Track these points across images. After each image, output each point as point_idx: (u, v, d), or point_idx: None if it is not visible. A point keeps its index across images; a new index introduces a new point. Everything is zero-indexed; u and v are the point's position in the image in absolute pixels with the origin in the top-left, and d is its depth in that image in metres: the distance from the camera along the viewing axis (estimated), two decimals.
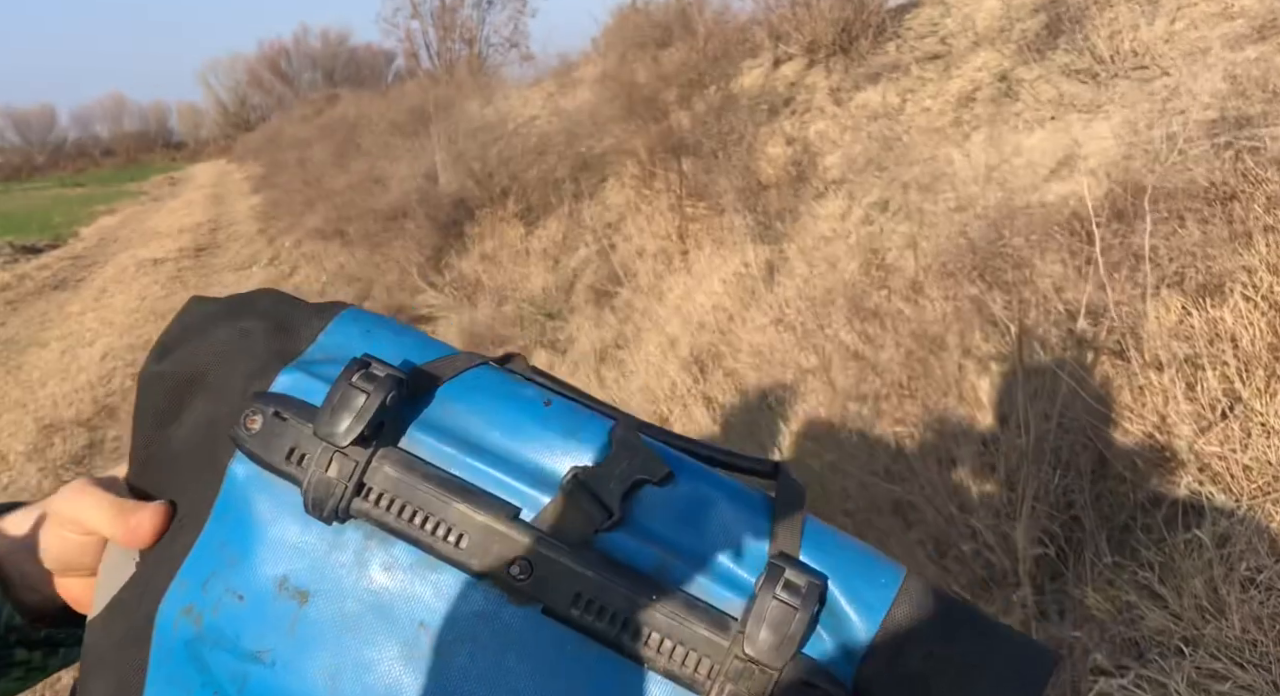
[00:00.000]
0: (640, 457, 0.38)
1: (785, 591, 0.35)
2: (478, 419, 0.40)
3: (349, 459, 0.38)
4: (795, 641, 0.35)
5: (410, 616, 0.37)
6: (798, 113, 4.85)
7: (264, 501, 0.39)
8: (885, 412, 1.86)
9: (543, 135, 6.47)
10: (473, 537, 0.37)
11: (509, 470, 0.39)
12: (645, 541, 0.37)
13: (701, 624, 0.36)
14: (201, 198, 15.59)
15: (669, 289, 4.13)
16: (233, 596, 0.38)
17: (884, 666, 0.36)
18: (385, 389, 0.38)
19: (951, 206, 2.92)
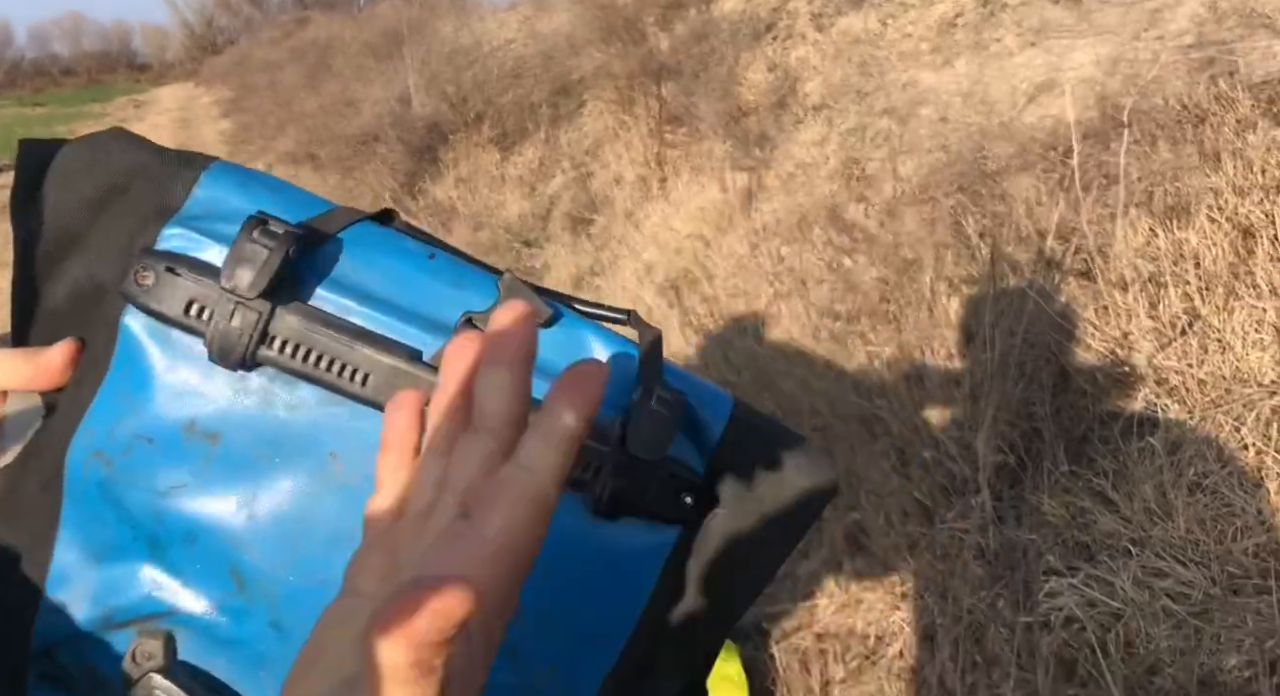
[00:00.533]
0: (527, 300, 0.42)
1: (659, 404, 0.41)
2: (368, 272, 0.42)
3: (252, 310, 0.39)
4: (665, 443, 0.41)
5: (320, 446, 0.40)
6: (779, 38, 4.76)
7: (163, 352, 0.41)
8: (857, 332, 1.88)
9: (519, 59, 6.31)
10: (377, 377, 0.40)
11: (404, 318, 0.41)
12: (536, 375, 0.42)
13: (591, 434, 0.39)
14: (168, 121, 15.12)
15: (646, 216, 4.11)
16: (142, 440, 0.40)
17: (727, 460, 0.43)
18: (286, 244, 0.40)
19: (929, 131, 2.91)
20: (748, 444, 0.44)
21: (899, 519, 1.43)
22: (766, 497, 0.44)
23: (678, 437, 0.43)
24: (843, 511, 1.55)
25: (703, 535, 0.43)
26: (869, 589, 1.42)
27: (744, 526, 0.43)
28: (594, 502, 0.41)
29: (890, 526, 1.43)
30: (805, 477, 0.44)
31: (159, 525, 0.40)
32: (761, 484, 0.44)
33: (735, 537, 0.43)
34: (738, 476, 0.44)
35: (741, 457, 0.44)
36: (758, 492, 0.44)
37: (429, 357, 0.41)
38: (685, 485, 0.42)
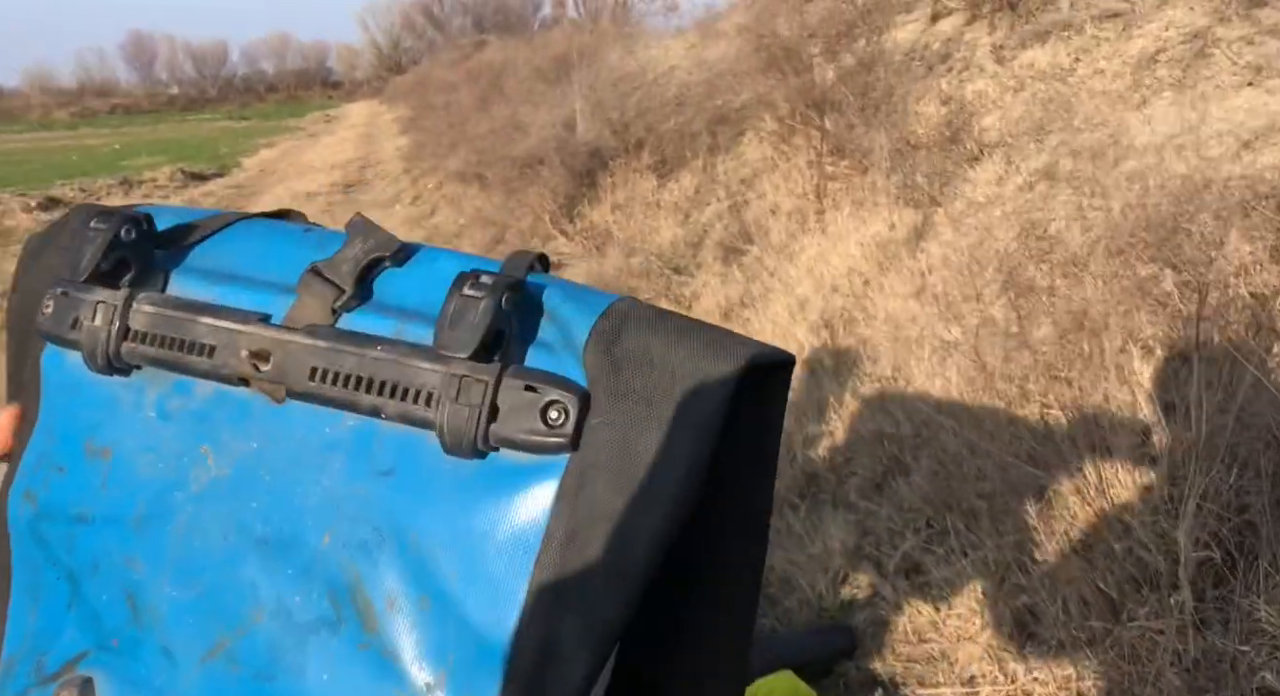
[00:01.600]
0: (373, 238, 0.39)
1: (471, 289, 0.35)
2: (233, 256, 0.42)
3: (109, 305, 0.40)
4: (480, 328, 0.34)
5: (193, 442, 0.39)
6: (955, 70, 4.58)
7: (68, 379, 0.41)
8: (1033, 394, 1.74)
9: (682, 86, 6.37)
10: (220, 347, 0.39)
11: (255, 286, 0.40)
12: (381, 311, 0.39)
13: (423, 360, 0.36)
14: (353, 136, 16.26)
15: (801, 249, 4.02)
16: (55, 470, 0.41)
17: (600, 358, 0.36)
18: (117, 223, 0.40)
19: (1125, 176, 2.69)
20: (627, 335, 0.36)
21: (1078, 609, 1.30)
22: (650, 393, 0.35)
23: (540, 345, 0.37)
24: (1012, 591, 1.42)
25: (588, 459, 0.35)
26: (1039, 681, 1.29)
27: (625, 432, 0.35)
28: (439, 437, 0.36)
29: (1068, 616, 1.30)
30: (702, 359, 0.35)
31: (72, 557, 0.40)
32: (643, 377, 0.35)
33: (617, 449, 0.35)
34: (612, 374, 0.35)
35: (620, 350, 0.36)
36: (639, 386, 0.35)
37: (280, 319, 0.39)
38: (550, 397, 0.35)
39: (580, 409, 0.35)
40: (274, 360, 0.38)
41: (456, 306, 0.35)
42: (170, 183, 10.55)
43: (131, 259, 0.41)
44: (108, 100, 49.39)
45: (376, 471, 0.37)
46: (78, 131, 27.76)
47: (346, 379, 0.37)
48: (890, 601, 1.53)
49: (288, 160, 13.14)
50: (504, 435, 0.35)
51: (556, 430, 0.35)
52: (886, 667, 1.44)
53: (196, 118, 34.94)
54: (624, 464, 0.35)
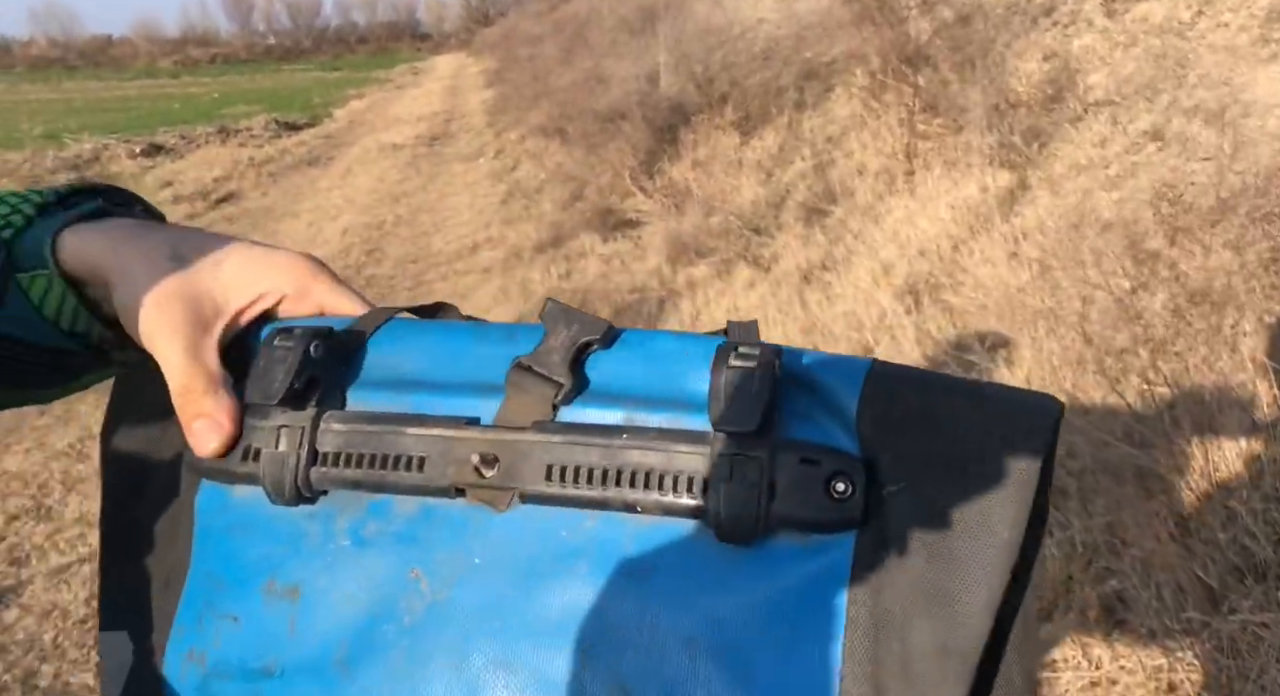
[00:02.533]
0: (577, 322, 0.36)
1: (738, 359, 0.33)
2: (413, 359, 0.38)
3: (294, 428, 0.36)
4: (760, 400, 0.32)
5: (401, 567, 0.35)
6: (1060, 24, 4.33)
7: (235, 515, 0.37)
8: (1135, 368, 1.64)
9: (769, 40, 6.20)
10: (432, 457, 0.35)
11: (455, 391, 0.37)
12: (606, 400, 0.35)
13: (679, 444, 0.33)
14: (439, 88, 16.42)
15: (888, 211, 3.89)
16: (228, 621, 0.36)
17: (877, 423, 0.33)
18: (306, 339, 0.36)
19: (1246, 138, 2.50)
20: (903, 395, 0.33)
21: (1173, 597, 1.23)
22: (952, 458, 0.32)
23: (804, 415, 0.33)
24: (1100, 574, 1.35)
25: (888, 531, 0.32)
26: (1127, 670, 1.23)
27: (933, 500, 0.31)
28: (714, 524, 0.32)
29: (1161, 604, 1.23)
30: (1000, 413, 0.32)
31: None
32: (938, 437, 0.32)
33: (934, 522, 0.31)
34: (900, 438, 0.32)
35: (899, 411, 0.33)
36: (935, 452, 0.32)
37: (491, 421, 0.35)
38: (830, 470, 0.32)
39: (866, 479, 0.32)
40: (502, 463, 0.34)
41: (728, 380, 0.33)
42: (265, 131, 10.84)
43: (320, 377, 0.37)
44: (208, 50, 50.99)
45: (633, 574, 0.33)
46: (180, 80, 28.76)
47: (590, 474, 0.34)
48: None
49: (375, 112, 13.35)
50: (786, 514, 0.32)
51: (844, 503, 0.32)
52: None
53: (291, 68, 35.79)
54: (939, 533, 0.32)
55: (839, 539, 0.32)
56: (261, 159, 8.82)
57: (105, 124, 12.39)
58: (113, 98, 19.66)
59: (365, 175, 7.66)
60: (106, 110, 15.81)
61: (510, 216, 5.77)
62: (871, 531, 0.32)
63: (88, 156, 8.85)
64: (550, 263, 4.54)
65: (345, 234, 5.70)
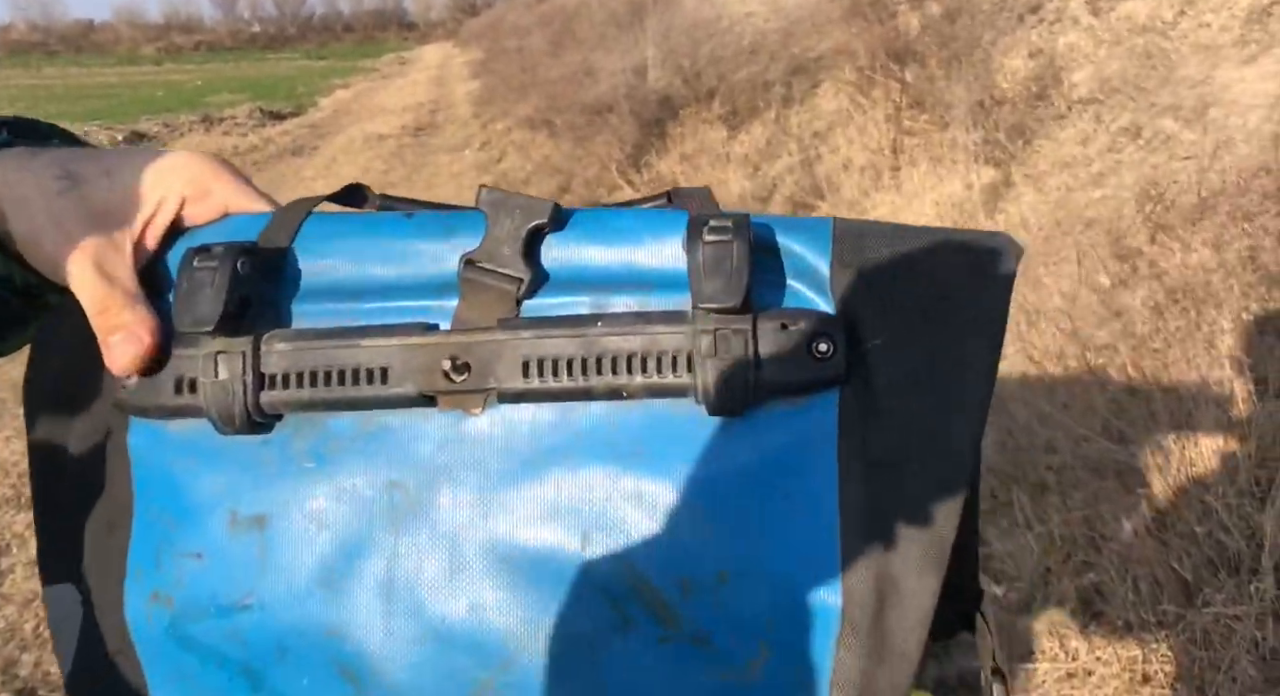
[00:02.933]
0: (520, 207, 0.34)
1: (712, 234, 0.32)
2: (347, 263, 0.36)
3: (233, 353, 0.34)
4: (742, 274, 0.32)
5: (375, 482, 0.34)
6: (1046, 22, 4.35)
7: (176, 450, 0.35)
8: (1115, 364, 1.66)
9: (757, 34, 6.20)
10: (395, 367, 0.34)
11: (403, 295, 0.35)
12: (570, 288, 0.35)
13: (658, 325, 0.33)
14: (425, 79, 16.32)
15: (874, 206, 3.91)
16: (190, 559, 0.35)
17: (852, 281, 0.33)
18: (231, 257, 0.34)
19: (1224, 137, 2.53)
20: (870, 253, 0.34)
21: (1150, 590, 1.25)
22: (925, 302, 0.33)
23: (776, 282, 0.34)
24: (1079, 568, 1.37)
25: (871, 383, 0.33)
26: (1103, 662, 1.25)
27: (918, 349, 0.33)
28: (704, 400, 0.32)
29: (1138, 597, 1.25)
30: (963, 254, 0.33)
31: (245, 649, 0.34)
32: (912, 285, 0.33)
33: (916, 367, 0.33)
34: (875, 292, 0.33)
35: (872, 266, 0.33)
36: (909, 300, 0.33)
37: (444, 325, 0.34)
38: (810, 332, 0.32)
39: (845, 336, 0.33)
40: (474, 366, 0.34)
41: (707, 256, 0.32)
42: (249, 120, 10.75)
43: (252, 295, 0.35)
44: (192, 37, 50.45)
45: (621, 455, 0.33)
46: (163, 67, 28.45)
47: (569, 364, 0.33)
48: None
49: (361, 101, 13.26)
50: (773, 381, 0.32)
51: (826, 362, 0.33)
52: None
53: (276, 56, 35.48)
54: (921, 377, 0.33)
55: (824, 396, 0.33)
56: (245, 148, 8.75)
57: (86, 111, 12.25)
58: (94, 84, 19.42)
59: (350, 165, 7.61)
60: (88, 97, 15.63)
61: None
62: (855, 385, 0.33)
63: None
64: None
65: None
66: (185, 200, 0.37)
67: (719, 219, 0.33)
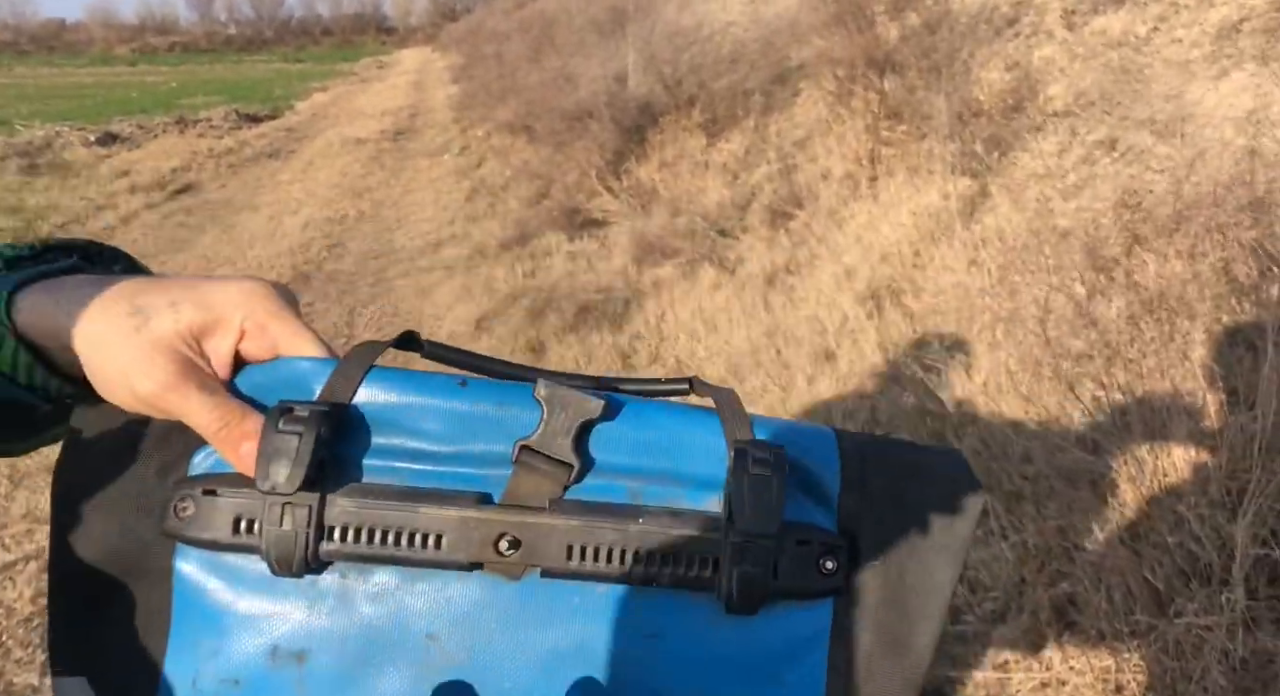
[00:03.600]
0: (574, 403, 0.39)
1: (757, 466, 0.37)
2: (406, 427, 0.39)
3: (300, 506, 0.37)
4: (778, 506, 0.37)
5: (414, 633, 0.37)
6: (1023, 35, 4.40)
7: (224, 582, 0.38)
8: (1089, 375, 1.68)
9: (738, 43, 6.23)
10: (450, 535, 0.37)
11: (459, 462, 0.39)
12: (612, 478, 0.39)
13: (692, 526, 0.37)
14: (404, 83, 16.24)
15: (851, 216, 3.93)
16: (228, 685, 0.37)
17: (855, 504, 0.40)
18: (316, 424, 0.37)
19: (1195, 151, 2.57)
20: (871, 478, 0.41)
21: (1123, 600, 1.25)
22: (911, 531, 0.40)
23: (793, 498, 0.39)
24: (1053, 577, 1.38)
25: (860, 596, 0.39)
26: (1076, 671, 1.26)
27: (900, 571, 0.40)
28: (724, 599, 0.37)
29: (1111, 607, 1.26)
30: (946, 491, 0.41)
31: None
32: (901, 517, 0.40)
33: (895, 585, 0.40)
34: (874, 519, 0.40)
35: (873, 491, 0.40)
36: (900, 528, 0.40)
37: (499, 497, 0.38)
38: (821, 549, 0.38)
39: (848, 555, 0.39)
40: (524, 545, 0.37)
41: (748, 486, 0.37)
42: (225, 122, 10.64)
43: (326, 458, 0.37)
44: (167, 38, 49.90)
45: (642, 635, 0.38)
46: (137, 68, 28.11)
47: (610, 553, 0.37)
48: None
49: (339, 105, 13.17)
50: (784, 588, 0.38)
51: (830, 578, 0.38)
52: None
53: (252, 59, 35.18)
54: (901, 594, 0.39)
55: (822, 603, 0.39)
56: (221, 150, 8.66)
57: (58, 111, 12.07)
58: (67, 84, 19.15)
59: (327, 169, 7.55)
60: (60, 97, 15.41)
61: (475, 213, 5.73)
62: (848, 596, 0.39)
63: (39, 143, 8.61)
64: (515, 261, 4.51)
65: (306, 228, 5.61)
66: (244, 334, 0.40)
67: (761, 450, 0.38)
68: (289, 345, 0.40)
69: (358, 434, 0.39)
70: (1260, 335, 1.56)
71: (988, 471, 1.64)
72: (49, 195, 6.70)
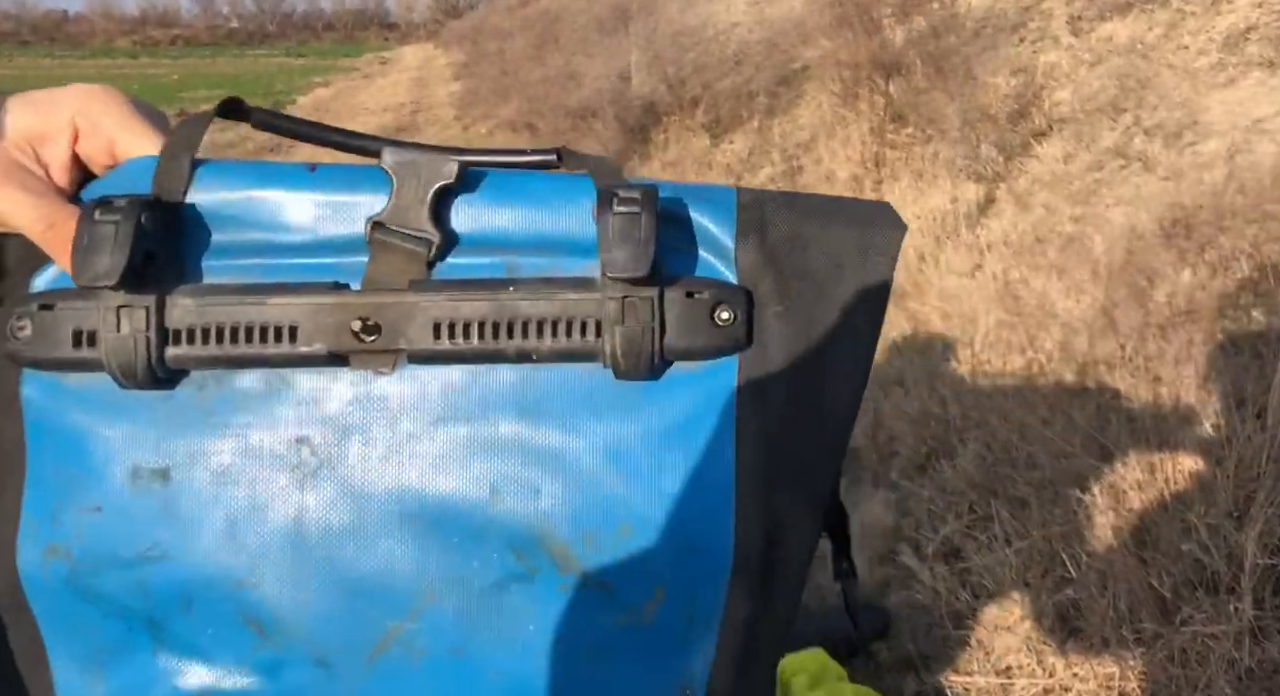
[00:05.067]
0: (425, 166, 0.35)
1: (621, 205, 0.34)
2: (248, 217, 0.36)
3: (136, 308, 0.34)
4: (649, 244, 0.33)
5: (282, 438, 0.35)
6: (1028, 40, 4.40)
7: (75, 404, 0.35)
8: (1095, 381, 1.67)
9: (742, 44, 6.23)
10: (304, 325, 0.34)
11: (310, 253, 0.35)
12: (479, 252, 0.36)
13: (568, 291, 0.34)
14: (406, 79, 16.22)
15: None
16: (90, 512, 0.35)
17: (755, 252, 0.35)
18: (135, 212, 0.33)
19: (1202, 159, 2.56)
20: (773, 222, 0.36)
21: (1128, 607, 1.25)
22: (819, 273, 0.36)
23: (683, 251, 0.35)
24: (1057, 583, 1.37)
25: (766, 352, 0.35)
26: (1080, 678, 1.25)
27: (809, 319, 0.35)
28: (610, 364, 0.34)
29: (1116, 614, 1.25)
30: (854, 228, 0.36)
31: (148, 600, 0.34)
32: (805, 258, 0.36)
33: (806, 336, 0.35)
34: (774, 264, 0.35)
35: (773, 239, 0.36)
36: (805, 271, 0.36)
37: (357, 284, 0.35)
38: (713, 300, 0.34)
39: (747, 305, 0.35)
40: (384, 327, 0.34)
41: (615, 226, 0.33)
42: None
43: (156, 251, 0.34)
44: (169, 31, 49.88)
45: (530, 414, 0.35)
46: (138, 60, 28.08)
47: (480, 327, 0.34)
48: (927, 585, 1.50)
49: (341, 101, 13.15)
50: (678, 347, 0.34)
51: (728, 330, 0.35)
52: (920, 651, 1.41)
53: (254, 53, 35.16)
54: (814, 346, 0.35)
55: (725, 362, 0.35)
56: (222, 144, 8.64)
57: None
58: (67, 76, 19.11)
59: None
60: None
61: None
62: (754, 351, 0.35)
63: None
64: None
65: None
66: (78, 134, 0.37)
67: (627, 190, 0.34)
68: (125, 143, 0.37)
69: (196, 232, 0.36)
70: (1269, 344, 1.55)
71: (993, 475, 1.64)
72: None
